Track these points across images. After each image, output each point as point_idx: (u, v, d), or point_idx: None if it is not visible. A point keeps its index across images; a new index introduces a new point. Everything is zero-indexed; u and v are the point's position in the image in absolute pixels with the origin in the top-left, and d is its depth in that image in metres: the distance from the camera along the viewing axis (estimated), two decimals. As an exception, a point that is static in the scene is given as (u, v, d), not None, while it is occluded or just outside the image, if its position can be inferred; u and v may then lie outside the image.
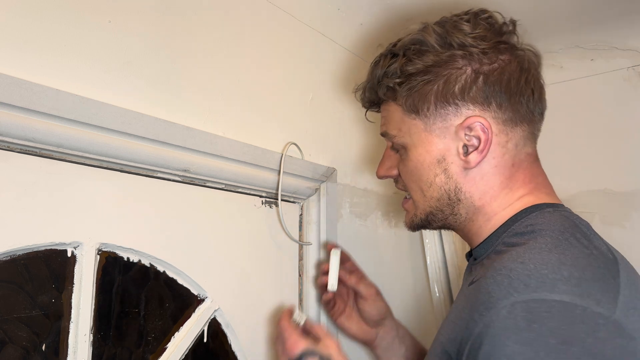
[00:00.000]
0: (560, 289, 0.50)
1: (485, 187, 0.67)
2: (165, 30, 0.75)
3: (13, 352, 0.58)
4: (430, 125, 0.68)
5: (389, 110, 0.73)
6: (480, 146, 0.65)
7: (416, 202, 0.73)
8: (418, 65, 0.67)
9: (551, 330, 0.48)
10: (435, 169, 0.68)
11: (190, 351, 0.76)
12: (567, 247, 0.56)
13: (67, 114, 0.59)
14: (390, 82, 0.70)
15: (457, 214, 0.69)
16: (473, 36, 0.66)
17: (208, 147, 0.76)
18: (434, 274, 1.21)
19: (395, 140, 0.73)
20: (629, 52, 1.14)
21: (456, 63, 0.66)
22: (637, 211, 1.11)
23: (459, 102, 0.66)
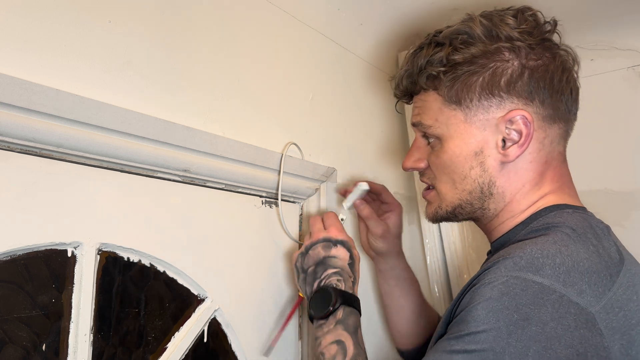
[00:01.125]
0: (544, 273, 0.53)
1: (517, 183, 0.68)
2: (165, 30, 0.75)
3: (13, 352, 0.58)
4: (471, 116, 0.67)
5: (426, 100, 0.72)
6: (521, 140, 0.65)
7: (443, 194, 0.72)
8: (465, 55, 0.67)
9: (518, 305, 0.51)
10: (471, 161, 0.68)
11: (191, 351, 0.76)
12: (572, 242, 0.57)
13: (67, 114, 0.59)
14: (434, 70, 0.68)
15: (485, 209, 0.70)
16: (519, 31, 0.67)
17: (208, 147, 0.76)
18: (434, 274, 1.21)
19: (430, 131, 0.71)
20: (629, 52, 1.14)
21: (503, 56, 0.66)
22: (637, 211, 1.11)
23: (503, 94, 0.66)
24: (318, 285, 0.76)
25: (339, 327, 0.71)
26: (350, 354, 0.68)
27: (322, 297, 0.74)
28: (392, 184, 1.25)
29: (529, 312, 0.51)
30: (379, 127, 1.23)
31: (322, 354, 0.70)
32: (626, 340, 0.53)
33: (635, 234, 1.09)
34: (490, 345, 0.51)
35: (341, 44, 1.13)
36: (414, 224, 1.30)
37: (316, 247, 0.79)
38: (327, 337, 0.71)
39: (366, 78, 1.21)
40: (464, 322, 0.54)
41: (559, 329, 0.50)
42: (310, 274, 0.78)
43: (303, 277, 0.80)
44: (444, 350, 0.55)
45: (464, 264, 1.17)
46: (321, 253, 0.79)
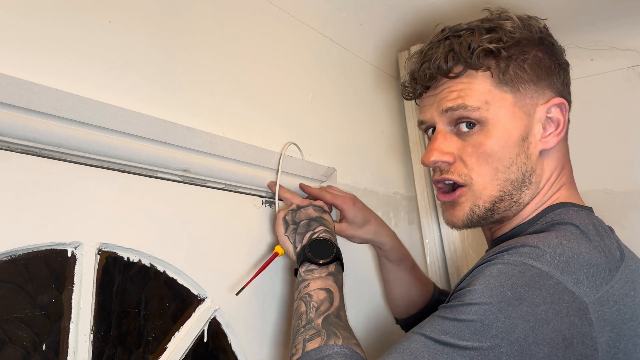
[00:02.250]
0: (544, 260, 0.54)
1: (547, 172, 0.69)
2: (165, 30, 0.75)
3: (13, 352, 0.58)
4: (520, 100, 0.67)
5: (470, 82, 0.67)
6: (559, 128, 0.67)
7: (482, 187, 0.67)
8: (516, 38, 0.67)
9: (513, 285, 0.53)
10: (518, 147, 0.66)
11: (191, 351, 0.76)
12: (573, 237, 0.58)
13: (67, 114, 0.59)
14: (493, 46, 0.66)
15: (520, 203, 0.68)
16: (544, 29, 0.70)
17: (208, 147, 0.76)
18: (434, 274, 1.21)
19: (475, 114, 0.66)
20: (629, 52, 1.14)
21: (543, 46, 0.69)
22: (637, 211, 1.11)
23: (545, 82, 0.68)
24: (312, 236, 0.78)
25: (330, 278, 0.72)
26: (336, 304, 0.68)
27: (323, 246, 0.75)
28: (392, 184, 1.25)
29: (523, 293, 0.53)
30: (379, 127, 1.23)
31: (309, 295, 0.69)
32: (616, 333, 0.54)
33: (635, 234, 1.10)
34: (480, 317, 0.53)
35: (341, 44, 1.13)
36: (414, 224, 1.30)
37: (308, 207, 0.82)
38: (316, 282, 0.71)
39: (366, 78, 1.21)
40: (462, 295, 0.56)
41: (550, 312, 0.52)
42: (303, 226, 0.80)
43: (293, 228, 0.80)
44: (439, 315, 0.57)
45: (464, 264, 1.17)
46: (314, 212, 0.82)
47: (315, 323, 0.65)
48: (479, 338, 0.52)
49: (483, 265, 0.57)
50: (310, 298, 0.69)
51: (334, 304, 0.68)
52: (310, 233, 0.78)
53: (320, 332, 0.63)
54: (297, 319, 0.67)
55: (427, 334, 0.55)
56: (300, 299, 0.70)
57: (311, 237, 0.77)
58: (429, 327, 0.56)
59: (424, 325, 0.57)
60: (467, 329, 0.53)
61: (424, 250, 1.23)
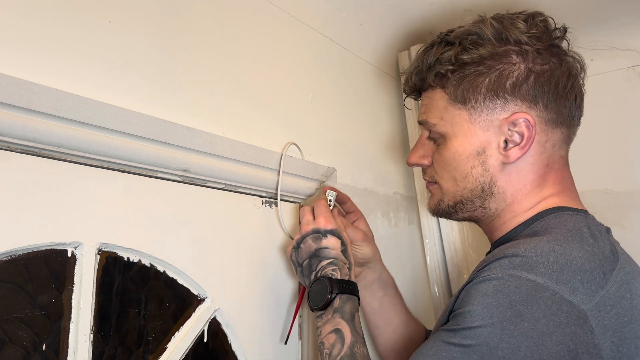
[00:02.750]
0: (538, 271, 0.54)
1: (518, 184, 0.69)
2: (165, 30, 0.75)
3: (13, 352, 0.58)
4: (475, 116, 0.69)
5: (432, 98, 0.73)
6: (522, 142, 0.67)
7: (444, 189, 0.73)
8: (473, 55, 0.68)
9: (512, 302, 0.53)
10: (473, 160, 0.69)
11: (191, 351, 0.76)
12: (566, 241, 0.58)
13: (67, 114, 0.59)
14: (442, 68, 0.70)
15: (486, 208, 0.71)
16: (528, 35, 0.68)
17: (208, 147, 0.76)
18: (434, 274, 1.21)
19: (435, 129, 0.72)
20: (629, 52, 1.14)
21: (510, 58, 0.68)
22: (637, 211, 1.11)
23: (508, 97, 0.67)
24: (315, 276, 0.78)
25: (336, 315, 0.72)
26: (348, 342, 0.69)
27: (319, 289, 0.75)
28: (392, 184, 1.25)
29: (522, 309, 0.53)
30: (379, 127, 1.23)
31: (322, 344, 0.71)
32: (617, 337, 0.54)
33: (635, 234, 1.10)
34: (485, 340, 0.53)
35: (341, 44, 1.13)
36: (414, 224, 1.30)
37: (306, 240, 0.80)
38: (326, 326, 0.72)
39: (366, 78, 1.21)
40: (462, 316, 0.56)
41: (551, 325, 0.52)
42: (306, 267, 0.80)
43: (300, 270, 0.81)
44: (442, 340, 0.57)
45: (464, 264, 1.17)
46: (312, 246, 0.79)
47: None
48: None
49: (478, 282, 0.57)
50: (322, 346, 0.71)
51: (345, 343, 0.69)
52: (314, 274, 0.78)
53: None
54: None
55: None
56: (318, 350, 0.72)
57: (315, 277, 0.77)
58: (434, 354, 0.56)
59: (427, 351, 0.57)
60: (474, 354, 0.53)
61: (424, 250, 1.23)
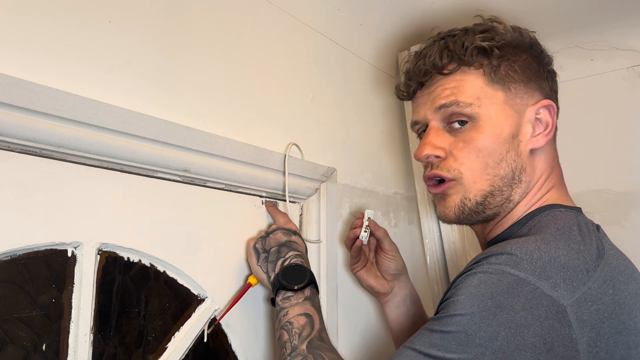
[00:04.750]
0: (522, 267, 0.56)
1: (538, 173, 0.70)
2: (165, 30, 0.75)
3: (13, 352, 0.58)
4: (511, 98, 0.69)
5: (463, 80, 0.70)
6: (548, 129, 0.69)
7: (472, 181, 0.68)
8: (508, 40, 0.70)
9: (493, 294, 0.55)
10: (509, 144, 0.68)
11: (191, 351, 0.76)
12: (553, 239, 0.59)
13: (67, 114, 0.59)
14: (486, 45, 0.69)
15: (511, 200, 0.69)
16: (532, 36, 0.73)
17: (208, 147, 0.76)
18: (434, 274, 1.21)
19: (468, 110, 0.68)
20: (629, 52, 1.14)
21: (532, 52, 0.72)
22: (637, 211, 1.11)
23: (540, 83, 0.71)
24: (284, 262, 0.77)
25: (307, 302, 0.73)
26: (317, 327, 0.69)
27: (296, 271, 0.75)
28: (392, 184, 1.25)
29: (502, 301, 0.54)
30: (379, 127, 1.23)
31: (290, 323, 0.70)
32: (596, 332, 0.55)
33: (635, 234, 1.10)
34: (464, 327, 0.54)
35: (341, 44, 1.13)
36: (414, 224, 1.30)
37: (277, 232, 0.82)
38: (295, 308, 0.72)
39: (366, 78, 1.21)
40: (447, 306, 0.58)
41: (529, 318, 0.53)
42: (274, 253, 0.79)
43: (264, 256, 0.80)
44: (427, 328, 0.59)
45: (464, 264, 1.17)
46: (283, 237, 0.81)
47: (300, 349, 0.66)
48: (464, 349, 0.53)
49: (465, 275, 0.59)
50: (291, 325, 0.70)
51: (315, 327, 0.69)
52: (282, 260, 0.78)
53: (306, 357, 0.65)
54: (282, 349, 0.68)
55: (416, 348, 0.56)
56: (282, 328, 0.71)
57: (283, 264, 0.77)
58: (418, 340, 0.58)
59: (413, 339, 0.59)
60: (453, 340, 0.54)
61: (424, 250, 1.23)
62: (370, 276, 0.94)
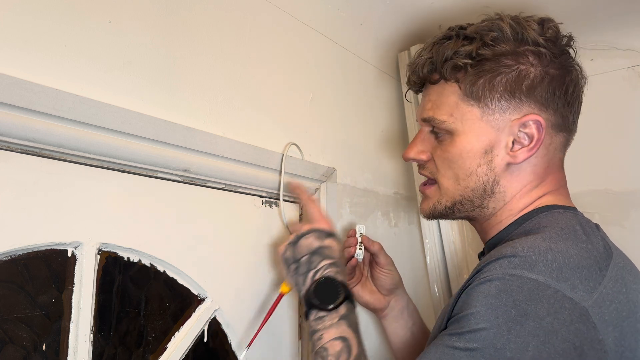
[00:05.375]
0: (538, 270, 0.54)
1: (519, 185, 0.69)
2: (165, 30, 0.75)
3: (13, 352, 0.58)
4: (488, 115, 0.67)
5: (442, 93, 0.71)
6: (532, 144, 0.67)
7: (445, 188, 0.71)
8: (495, 52, 0.67)
9: (515, 302, 0.53)
10: (480, 159, 0.68)
11: (191, 351, 0.76)
12: (560, 239, 0.58)
13: (67, 114, 0.59)
14: (461, 61, 0.67)
15: (484, 207, 0.70)
16: (544, 38, 0.67)
17: (208, 147, 0.76)
18: (434, 274, 1.21)
19: (443, 126, 0.70)
20: (629, 52, 1.14)
21: (528, 59, 0.67)
22: (637, 211, 1.11)
23: (523, 97, 0.67)
24: (315, 275, 0.72)
25: (343, 323, 0.68)
26: (355, 353, 0.66)
27: (329, 288, 0.70)
28: (392, 184, 1.25)
29: (526, 308, 0.52)
30: (378, 127, 1.23)
31: (325, 349, 0.66)
32: (618, 332, 0.54)
33: (635, 234, 1.10)
34: (491, 342, 0.52)
35: (341, 44, 1.13)
36: (414, 224, 1.30)
37: (308, 236, 0.75)
38: (330, 331, 0.67)
39: (366, 78, 1.21)
40: (465, 318, 0.55)
41: (556, 323, 0.51)
42: (304, 264, 0.74)
43: (295, 267, 0.75)
44: (446, 345, 0.55)
45: (464, 263, 1.17)
46: (314, 242, 0.75)
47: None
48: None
49: (478, 283, 0.56)
50: (326, 352, 0.65)
51: (352, 353, 0.65)
52: (313, 272, 0.72)
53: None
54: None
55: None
56: (316, 354, 0.66)
57: (314, 277, 0.72)
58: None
59: (432, 359, 0.55)
60: (482, 356, 0.52)
61: (424, 250, 1.23)
62: (365, 292, 0.91)
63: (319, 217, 0.81)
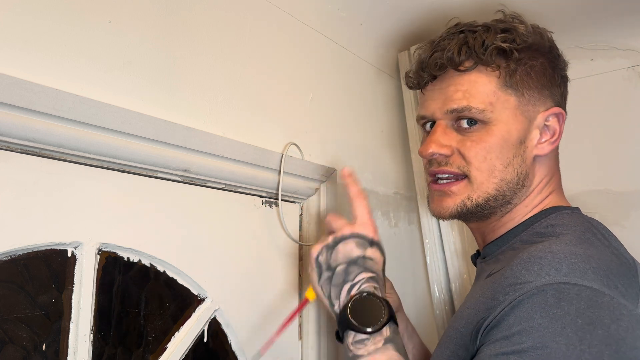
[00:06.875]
0: (589, 277, 0.51)
1: (538, 178, 0.69)
2: (165, 30, 0.75)
3: (13, 352, 0.58)
4: (523, 104, 0.67)
5: (476, 82, 0.67)
6: (555, 137, 0.68)
7: (479, 182, 0.67)
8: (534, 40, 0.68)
9: (578, 311, 0.49)
10: (516, 149, 0.67)
11: (191, 351, 0.76)
12: (590, 245, 0.57)
13: (67, 114, 0.59)
14: (507, 45, 0.66)
15: (510, 203, 0.68)
16: (550, 39, 0.71)
17: (208, 147, 0.76)
18: (434, 274, 1.21)
19: (481, 116, 0.66)
20: (629, 52, 1.14)
21: (550, 56, 0.70)
22: (637, 211, 1.11)
23: (553, 89, 0.69)
24: (351, 289, 0.62)
25: (390, 347, 0.58)
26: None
27: (368, 305, 0.60)
28: (392, 184, 1.25)
29: (591, 316, 0.49)
30: (378, 127, 1.23)
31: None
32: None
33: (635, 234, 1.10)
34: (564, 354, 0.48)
35: (341, 44, 1.13)
36: (414, 224, 1.30)
37: (348, 242, 0.65)
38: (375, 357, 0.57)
39: (366, 78, 1.21)
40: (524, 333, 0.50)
41: (621, 330, 0.49)
42: (340, 274, 0.64)
43: (328, 275, 0.65)
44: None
45: (464, 263, 1.17)
46: (354, 251, 0.65)
47: None
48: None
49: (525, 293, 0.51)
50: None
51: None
52: (349, 285, 0.62)
53: None
54: None
55: None
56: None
57: (350, 291, 0.62)
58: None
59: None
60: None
61: (424, 250, 1.23)
62: None
63: (365, 219, 0.69)
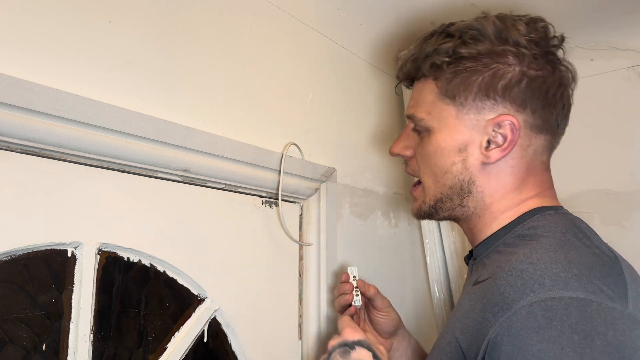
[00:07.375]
0: (573, 286, 0.51)
1: (497, 185, 0.68)
2: (165, 30, 0.75)
3: (13, 352, 0.58)
4: (462, 114, 0.68)
5: (422, 91, 0.73)
6: (505, 144, 0.66)
7: (427, 188, 0.73)
8: (471, 51, 0.67)
9: (572, 326, 0.48)
10: (454, 157, 0.69)
11: (191, 351, 0.76)
12: (570, 247, 0.57)
13: (67, 114, 0.59)
14: (438, 59, 0.69)
15: (465, 206, 0.70)
16: (527, 39, 0.67)
17: (208, 147, 0.76)
18: (434, 274, 1.21)
19: (421, 124, 0.72)
20: (629, 52, 1.14)
21: (507, 59, 0.67)
22: (637, 211, 1.11)
23: (498, 98, 0.67)
24: None
25: None
26: None
27: None
28: (392, 184, 1.25)
29: (584, 329, 0.48)
30: (378, 127, 1.23)
31: None
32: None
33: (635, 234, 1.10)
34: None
35: (341, 44, 1.13)
36: (414, 224, 1.30)
37: (333, 356, 0.73)
38: None
39: (366, 78, 1.21)
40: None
41: (618, 335, 0.48)
42: None
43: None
44: None
45: (464, 263, 1.17)
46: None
47: None
48: None
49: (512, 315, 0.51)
50: None
51: None
52: None
53: None
54: None
55: None
56: None
57: None
58: None
59: None
60: None
61: (424, 250, 1.23)
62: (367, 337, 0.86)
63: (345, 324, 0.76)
